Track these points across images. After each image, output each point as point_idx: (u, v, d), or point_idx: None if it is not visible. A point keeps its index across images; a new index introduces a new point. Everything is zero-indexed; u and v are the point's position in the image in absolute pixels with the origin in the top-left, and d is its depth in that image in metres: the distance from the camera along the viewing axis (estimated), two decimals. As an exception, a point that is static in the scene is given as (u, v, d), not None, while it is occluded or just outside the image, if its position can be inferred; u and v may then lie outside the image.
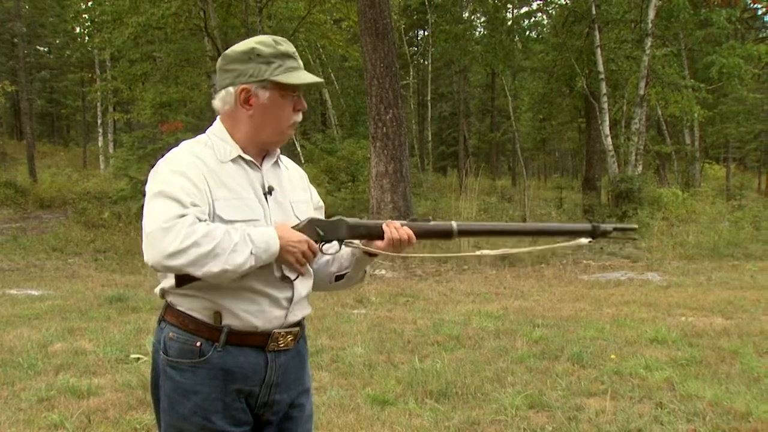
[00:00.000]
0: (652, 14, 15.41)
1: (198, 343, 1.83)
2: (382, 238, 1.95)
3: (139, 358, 5.17)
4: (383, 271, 10.05)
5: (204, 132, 1.96)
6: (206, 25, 15.83)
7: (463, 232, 2.01)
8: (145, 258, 1.72)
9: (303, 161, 20.58)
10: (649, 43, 15.42)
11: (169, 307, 1.89)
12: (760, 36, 28.09)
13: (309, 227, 1.90)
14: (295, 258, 1.83)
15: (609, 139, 15.91)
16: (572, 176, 34.47)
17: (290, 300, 1.90)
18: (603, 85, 16.08)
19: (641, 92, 15.51)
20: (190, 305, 1.85)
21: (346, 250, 2.02)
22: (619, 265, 10.50)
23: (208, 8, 15.53)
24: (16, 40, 27.23)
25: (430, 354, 5.39)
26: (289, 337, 1.94)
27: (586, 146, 20.16)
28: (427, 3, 23.94)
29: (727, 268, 9.94)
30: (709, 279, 9.07)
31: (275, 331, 1.88)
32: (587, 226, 1.97)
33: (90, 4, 18.93)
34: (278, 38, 1.93)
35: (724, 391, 4.33)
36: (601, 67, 16.09)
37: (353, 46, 20.44)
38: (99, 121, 29.55)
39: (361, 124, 23.22)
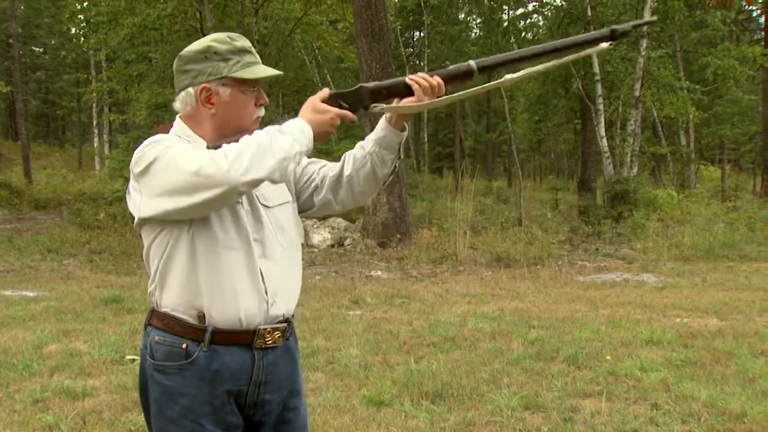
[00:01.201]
0: (647, 16, 15.43)
1: (184, 345, 1.81)
2: (404, 95, 1.93)
3: (134, 360, 5.16)
4: (379, 272, 10.04)
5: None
6: (202, 26, 15.81)
7: (483, 68, 1.97)
8: (202, 198, 1.64)
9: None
10: (645, 45, 15.46)
11: (154, 311, 1.87)
12: (755, 38, 28.22)
13: (331, 102, 1.88)
14: (333, 129, 1.87)
15: (604, 141, 15.94)
16: (568, 177, 34.48)
17: (266, 291, 1.86)
18: (598, 86, 16.11)
19: (636, 93, 15.54)
20: (173, 303, 1.82)
21: (372, 141, 2.01)
22: (614, 266, 10.52)
23: (204, 9, 15.53)
24: (11, 40, 27.15)
25: (426, 355, 5.39)
26: (277, 334, 1.90)
27: (582, 147, 20.17)
28: (423, 4, 23.95)
29: (722, 270, 9.96)
30: (704, 280, 9.09)
31: (260, 327, 1.85)
32: (606, 30, 1.97)
33: (85, 4, 18.89)
34: (233, 34, 1.91)
35: (719, 392, 4.34)
36: (596, 69, 16.12)
37: (349, 47, 20.47)
38: (94, 122, 29.53)
39: (356, 125, 23.18)
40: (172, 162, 1.67)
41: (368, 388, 4.53)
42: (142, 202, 1.78)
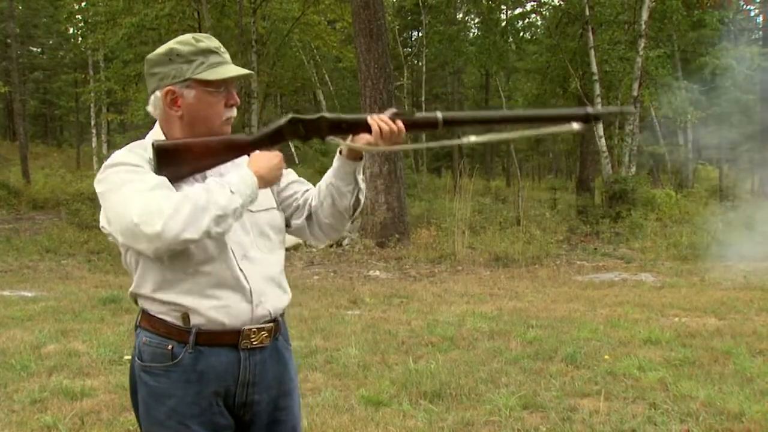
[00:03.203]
0: (645, 15, 15.45)
1: (169, 346, 1.81)
2: (364, 132, 1.89)
3: (132, 360, 5.15)
4: (377, 272, 10.05)
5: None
6: (200, 26, 15.80)
7: (449, 122, 1.92)
8: (139, 248, 1.65)
9: (297, 162, 20.56)
10: (643, 45, 15.46)
11: (143, 312, 1.88)
12: (753, 37, 28.24)
13: (290, 126, 1.88)
14: (280, 175, 1.89)
15: (603, 140, 15.95)
16: (566, 177, 34.49)
17: (251, 291, 1.85)
18: (597, 86, 16.12)
19: (635, 93, 15.55)
20: (159, 309, 1.83)
21: (329, 173, 2.02)
22: (612, 265, 10.52)
23: (202, 9, 15.52)
24: (9, 40, 27.12)
25: (425, 355, 5.39)
26: (263, 334, 1.89)
27: (580, 147, 20.21)
28: (421, 4, 23.95)
29: (720, 269, 9.97)
30: (702, 279, 9.11)
31: (245, 327, 1.85)
32: (581, 110, 1.91)
33: (83, 4, 18.89)
34: (200, 35, 1.89)
35: (717, 392, 4.34)
36: (594, 69, 16.13)
37: (347, 47, 20.47)
38: (92, 122, 29.44)
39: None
40: (120, 204, 1.67)
41: (367, 388, 4.53)
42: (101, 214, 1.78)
